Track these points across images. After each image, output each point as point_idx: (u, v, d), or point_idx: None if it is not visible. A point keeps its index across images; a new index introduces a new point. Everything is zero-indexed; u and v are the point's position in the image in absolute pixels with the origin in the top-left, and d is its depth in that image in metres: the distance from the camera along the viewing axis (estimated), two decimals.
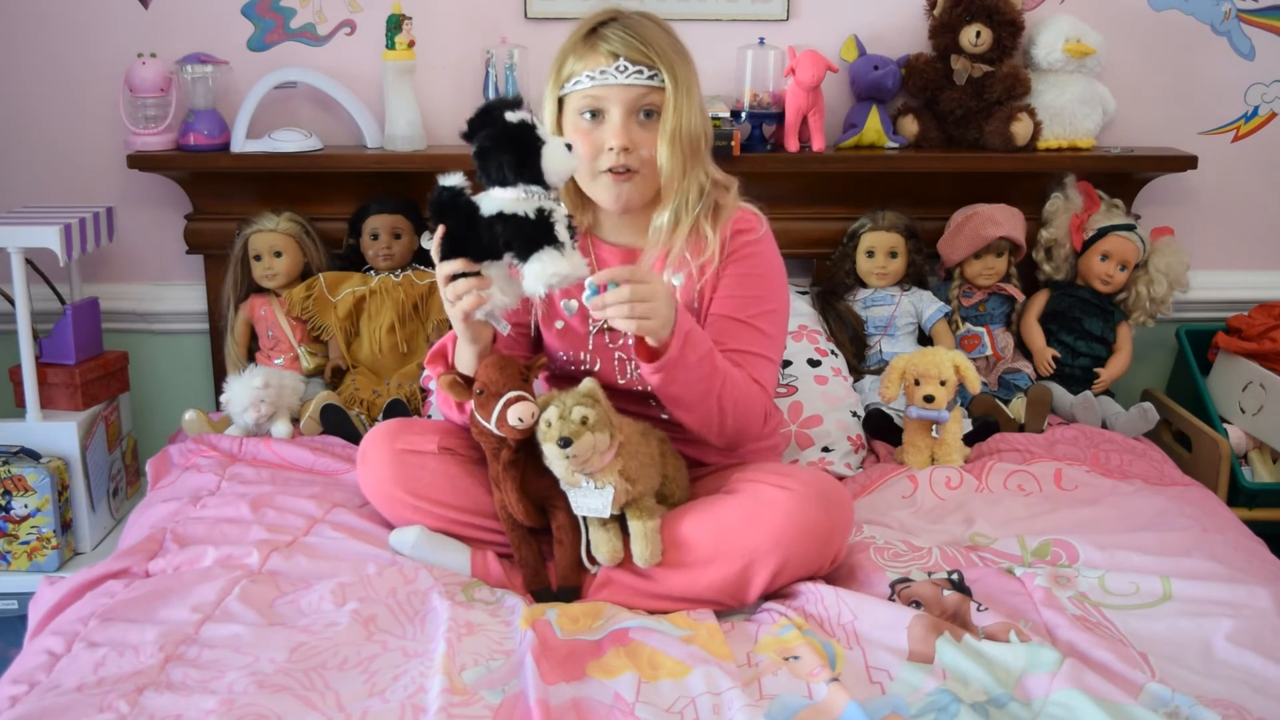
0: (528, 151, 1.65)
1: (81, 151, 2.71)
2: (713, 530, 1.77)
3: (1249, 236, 2.94)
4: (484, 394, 1.79)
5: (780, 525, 1.75)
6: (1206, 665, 1.63)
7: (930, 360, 2.27)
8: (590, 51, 1.83)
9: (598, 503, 1.76)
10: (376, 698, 1.51)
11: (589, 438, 1.71)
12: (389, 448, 1.91)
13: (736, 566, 1.75)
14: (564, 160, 1.67)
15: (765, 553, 1.74)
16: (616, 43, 1.82)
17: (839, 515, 1.82)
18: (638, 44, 1.82)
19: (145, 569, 1.84)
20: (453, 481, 1.90)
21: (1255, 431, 2.64)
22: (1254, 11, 2.79)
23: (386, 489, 1.91)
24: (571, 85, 1.84)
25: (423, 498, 1.89)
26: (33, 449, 2.42)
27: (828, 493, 1.81)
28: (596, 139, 1.83)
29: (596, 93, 1.82)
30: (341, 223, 2.64)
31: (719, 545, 1.76)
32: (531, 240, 1.64)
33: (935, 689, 1.54)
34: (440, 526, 1.90)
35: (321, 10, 2.68)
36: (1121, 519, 2.04)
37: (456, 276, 1.71)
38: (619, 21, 1.84)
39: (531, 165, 1.65)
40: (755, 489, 1.80)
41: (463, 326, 1.78)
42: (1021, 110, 2.63)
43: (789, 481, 1.80)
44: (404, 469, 1.89)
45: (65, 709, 1.45)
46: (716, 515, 1.79)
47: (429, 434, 1.94)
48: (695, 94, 1.87)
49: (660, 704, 1.51)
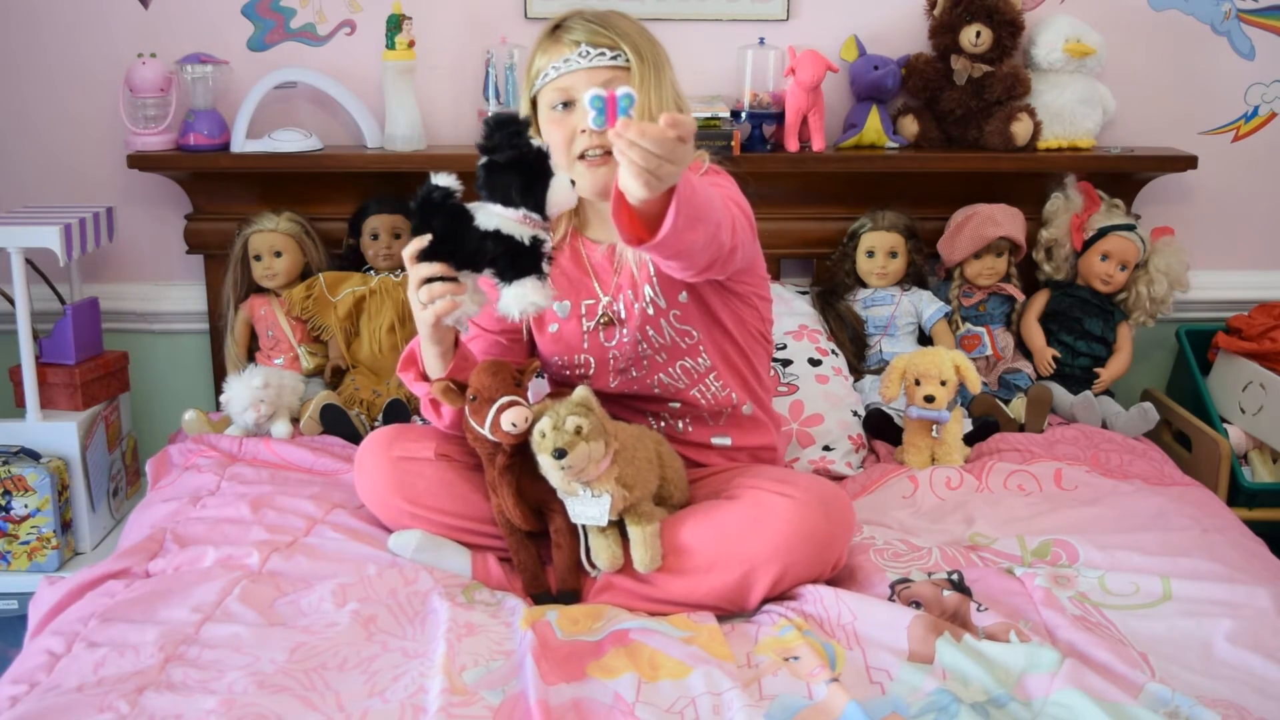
0: (538, 178, 1.66)
1: (81, 151, 2.71)
2: (714, 537, 1.77)
3: (1249, 236, 2.94)
4: (477, 399, 1.78)
5: (782, 533, 1.74)
6: (1206, 665, 1.63)
7: (930, 360, 2.27)
8: (554, 44, 1.84)
9: (595, 511, 1.75)
10: (376, 698, 1.51)
11: (584, 448, 1.70)
12: (385, 455, 1.91)
13: (737, 574, 1.75)
14: (566, 195, 1.69)
15: (766, 560, 1.74)
16: (578, 31, 1.83)
17: (840, 522, 1.82)
18: (598, 28, 1.83)
19: (145, 569, 1.84)
20: (449, 488, 1.90)
21: (1255, 431, 2.64)
22: (1254, 11, 2.79)
23: (384, 497, 1.91)
24: (541, 80, 1.85)
25: (420, 505, 1.89)
26: (33, 449, 2.42)
27: (829, 500, 1.81)
28: (569, 126, 1.83)
29: (563, 82, 1.82)
30: (341, 223, 2.64)
31: (720, 552, 1.76)
32: (520, 265, 1.66)
33: (935, 689, 1.54)
34: (439, 533, 1.90)
35: (321, 10, 2.68)
36: (1121, 519, 2.04)
37: (432, 279, 1.70)
38: (580, 14, 1.85)
39: (538, 192, 1.66)
40: (757, 495, 1.80)
41: (430, 330, 1.77)
42: (1021, 110, 2.63)
43: (791, 489, 1.79)
44: (401, 476, 1.89)
45: (65, 709, 1.45)
46: (718, 521, 1.79)
47: (425, 440, 1.93)
48: (666, 73, 1.87)
49: (660, 704, 1.51)
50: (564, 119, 1.83)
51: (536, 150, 1.66)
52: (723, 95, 2.68)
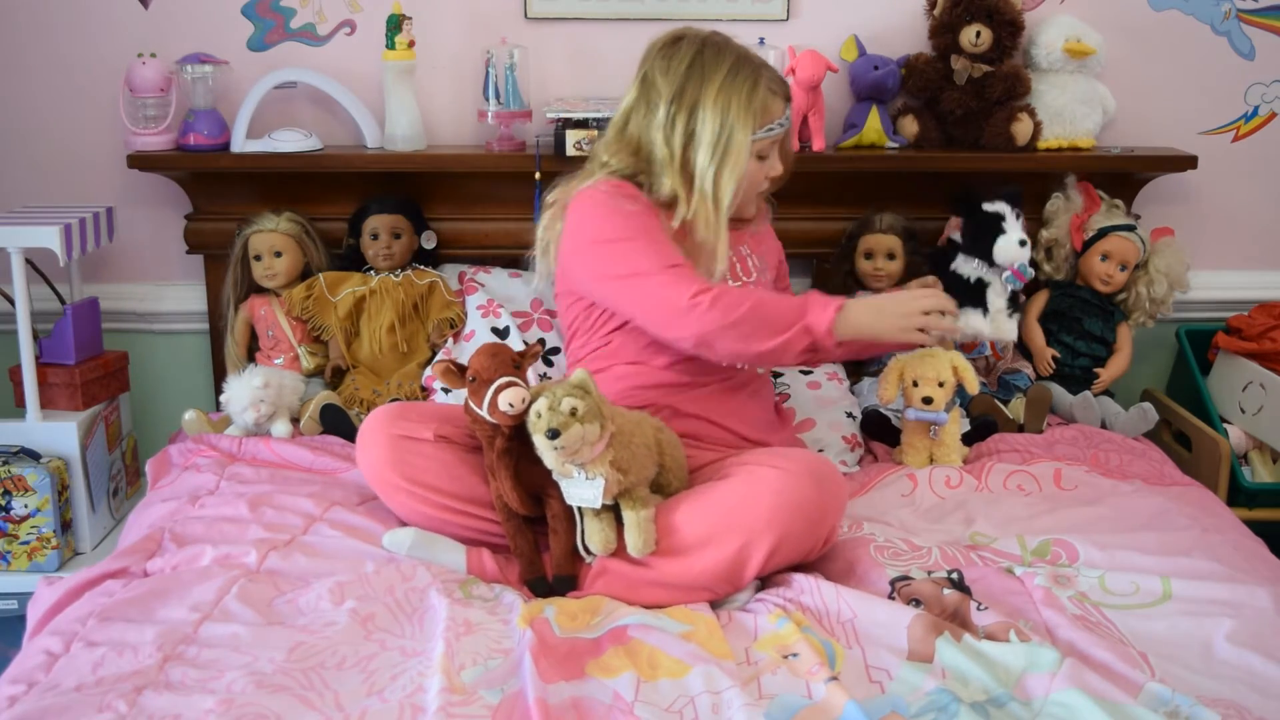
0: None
1: (81, 151, 2.71)
2: (706, 514, 1.80)
3: (1249, 236, 2.94)
4: (476, 381, 1.82)
5: (773, 503, 1.77)
6: (1206, 665, 1.63)
7: (928, 362, 2.27)
8: (776, 99, 2.05)
9: (589, 493, 1.78)
10: (375, 697, 1.51)
11: (577, 429, 1.72)
12: (386, 433, 1.93)
13: (732, 548, 1.77)
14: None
15: (759, 532, 1.76)
16: (783, 91, 2.09)
17: (831, 494, 1.84)
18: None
19: (144, 569, 1.84)
20: (448, 469, 1.92)
21: (1255, 431, 2.64)
22: (1254, 11, 2.79)
23: (383, 473, 1.93)
24: (765, 132, 2.04)
25: (418, 484, 1.91)
26: (33, 449, 2.42)
27: (819, 471, 1.84)
28: (764, 170, 2.10)
29: (778, 136, 2.07)
30: (341, 223, 2.64)
31: (713, 528, 1.78)
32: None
33: (935, 688, 1.54)
34: (435, 513, 1.91)
35: (321, 10, 2.68)
36: (1121, 519, 2.04)
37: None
38: (766, 67, 2.07)
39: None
40: (747, 470, 1.84)
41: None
42: (1022, 110, 2.63)
43: (781, 461, 1.84)
44: (400, 454, 1.91)
45: (64, 709, 1.45)
46: (709, 500, 1.82)
47: (427, 421, 1.96)
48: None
49: (659, 703, 1.51)
50: (764, 166, 2.09)
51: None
52: None
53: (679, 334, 1.93)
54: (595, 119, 2.51)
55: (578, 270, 2.05)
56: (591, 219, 2.01)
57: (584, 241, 2.02)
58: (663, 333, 1.96)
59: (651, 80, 2.04)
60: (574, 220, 2.03)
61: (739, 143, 1.99)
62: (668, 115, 2.01)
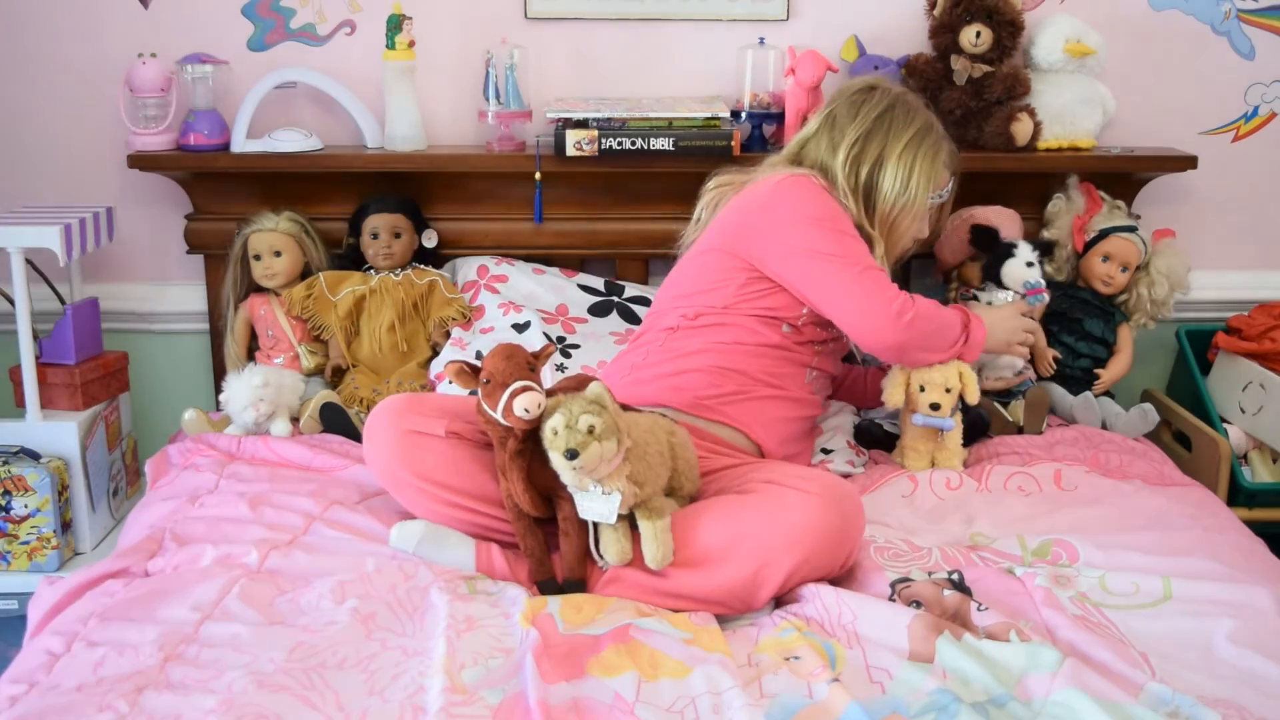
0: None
1: (81, 151, 2.71)
2: (728, 530, 1.77)
3: (1249, 236, 2.94)
4: (490, 383, 1.77)
5: (798, 527, 1.75)
6: (1207, 665, 1.63)
7: (935, 368, 2.25)
8: (946, 171, 2.25)
9: (604, 508, 1.75)
10: (376, 697, 1.51)
11: (596, 448, 1.69)
12: (395, 427, 1.90)
13: (752, 567, 1.75)
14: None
15: (781, 555, 1.74)
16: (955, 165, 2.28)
17: (853, 519, 1.83)
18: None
19: (144, 568, 1.84)
20: (459, 466, 1.89)
21: (1255, 431, 2.64)
22: (1254, 11, 2.79)
23: (392, 468, 1.90)
24: (944, 194, 2.27)
25: (428, 480, 1.88)
26: (33, 449, 2.42)
27: (843, 497, 1.83)
28: (917, 230, 2.24)
29: (937, 205, 2.27)
30: (341, 223, 2.64)
31: (734, 546, 1.76)
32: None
33: (935, 689, 1.54)
34: (444, 509, 1.89)
35: (321, 10, 2.68)
36: (1121, 519, 2.04)
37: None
38: (947, 140, 2.25)
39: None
40: (773, 490, 1.81)
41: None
42: (1021, 110, 2.63)
43: (807, 484, 1.81)
44: (410, 449, 1.88)
45: (65, 709, 1.45)
46: (733, 515, 1.79)
47: (437, 417, 1.92)
48: None
49: (660, 704, 1.50)
50: (924, 225, 2.24)
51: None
52: (723, 95, 2.68)
53: (881, 338, 2.08)
54: (595, 119, 2.51)
55: (769, 240, 2.09)
56: (808, 198, 2.10)
57: (795, 215, 2.08)
58: (861, 327, 2.07)
59: (837, 119, 2.19)
60: (780, 194, 2.11)
61: (920, 201, 2.16)
62: (848, 155, 2.15)
